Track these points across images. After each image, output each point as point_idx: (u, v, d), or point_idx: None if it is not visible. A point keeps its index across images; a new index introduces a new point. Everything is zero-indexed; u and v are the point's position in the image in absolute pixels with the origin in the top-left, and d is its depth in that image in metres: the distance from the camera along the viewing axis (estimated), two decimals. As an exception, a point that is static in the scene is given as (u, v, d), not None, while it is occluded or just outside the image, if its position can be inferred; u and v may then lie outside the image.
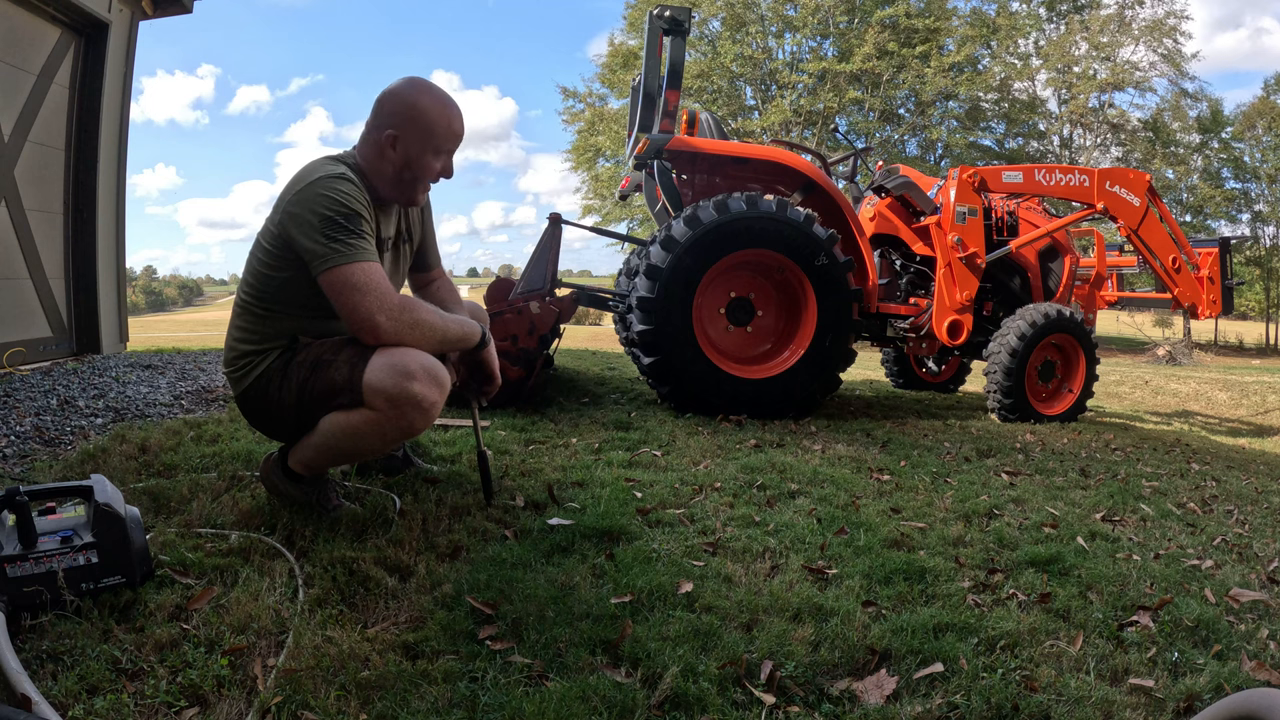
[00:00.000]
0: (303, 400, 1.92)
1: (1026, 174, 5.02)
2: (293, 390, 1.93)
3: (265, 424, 2.08)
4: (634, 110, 4.76)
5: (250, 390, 1.99)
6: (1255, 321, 31.48)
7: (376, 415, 1.83)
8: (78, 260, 4.96)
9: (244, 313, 1.99)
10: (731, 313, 4.33)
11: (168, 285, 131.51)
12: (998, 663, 1.50)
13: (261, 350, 1.98)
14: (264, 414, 2.03)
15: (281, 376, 1.95)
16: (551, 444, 3.17)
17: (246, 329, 1.98)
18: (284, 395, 1.94)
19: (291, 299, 1.94)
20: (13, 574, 1.44)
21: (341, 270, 1.79)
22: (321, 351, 1.92)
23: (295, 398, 1.92)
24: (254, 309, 1.97)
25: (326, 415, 1.90)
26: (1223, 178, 26.93)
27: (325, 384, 1.88)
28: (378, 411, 1.83)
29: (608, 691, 1.30)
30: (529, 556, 1.87)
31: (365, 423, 1.86)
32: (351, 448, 1.94)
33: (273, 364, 1.97)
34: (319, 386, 1.89)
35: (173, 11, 5.51)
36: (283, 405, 1.95)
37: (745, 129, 22.58)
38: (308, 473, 2.03)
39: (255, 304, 1.97)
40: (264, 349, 1.98)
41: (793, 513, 2.37)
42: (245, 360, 1.99)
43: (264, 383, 1.97)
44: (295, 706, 1.23)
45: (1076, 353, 4.92)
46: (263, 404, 1.99)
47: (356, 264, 1.80)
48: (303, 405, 1.92)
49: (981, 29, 23.63)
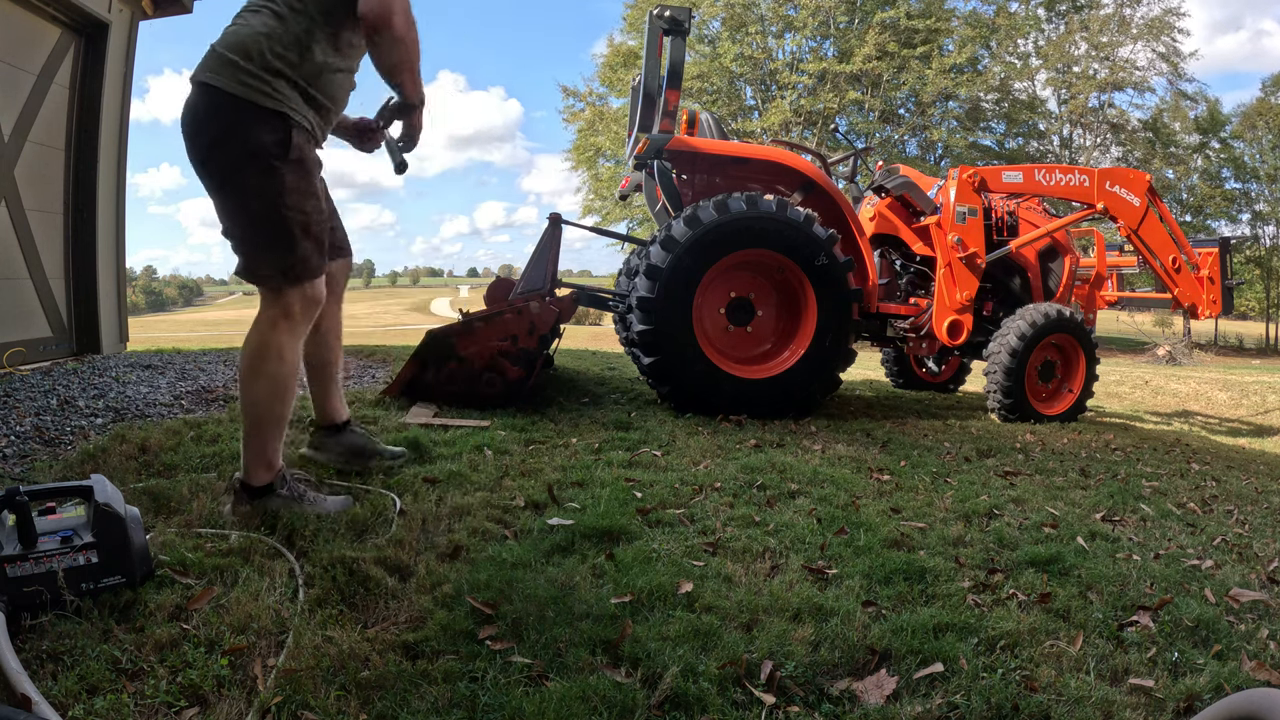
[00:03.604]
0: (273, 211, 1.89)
1: (1026, 174, 5.02)
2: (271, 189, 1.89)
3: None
4: (634, 110, 4.76)
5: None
6: (1255, 321, 31.50)
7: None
8: (78, 260, 4.96)
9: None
10: (731, 313, 4.33)
11: (168, 285, 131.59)
12: (998, 663, 1.50)
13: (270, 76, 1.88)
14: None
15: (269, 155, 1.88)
16: (551, 444, 3.17)
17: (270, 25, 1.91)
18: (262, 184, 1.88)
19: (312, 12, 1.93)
20: (13, 574, 1.43)
21: None
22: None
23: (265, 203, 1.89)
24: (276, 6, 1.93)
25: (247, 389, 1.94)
26: (1223, 178, 26.94)
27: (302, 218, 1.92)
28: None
29: (608, 691, 1.30)
30: (529, 556, 1.87)
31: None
32: (275, 371, 1.95)
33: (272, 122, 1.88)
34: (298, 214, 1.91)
35: (173, 11, 5.51)
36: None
37: (745, 129, 22.57)
38: (267, 473, 2.00)
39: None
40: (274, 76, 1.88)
41: (793, 513, 2.37)
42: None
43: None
44: (295, 706, 1.23)
45: (1076, 353, 4.92)
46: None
47: None
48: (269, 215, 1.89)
49: (981, 29, 23.62)
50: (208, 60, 1.91)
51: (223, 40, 1.93)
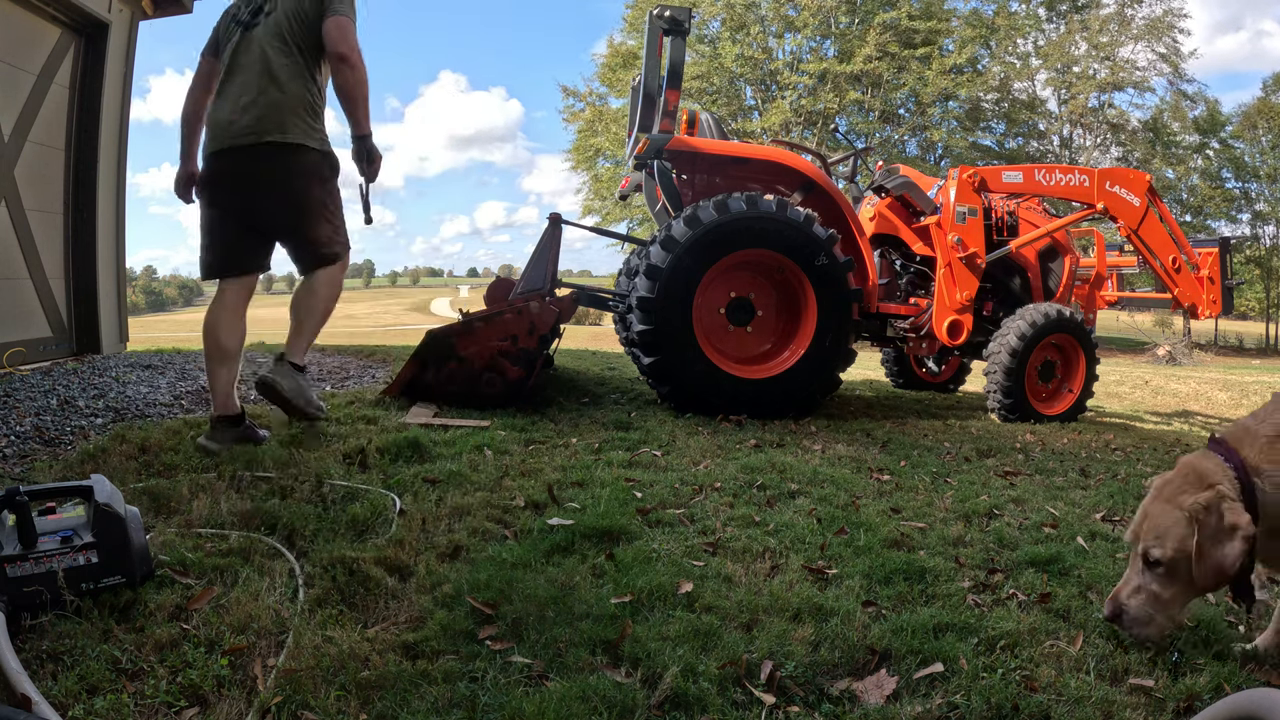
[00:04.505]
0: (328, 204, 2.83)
1: (1026, 174, 5.02)
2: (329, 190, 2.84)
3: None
4: (634, 110, 4.76)
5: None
6: (1255, 321, 31.48)
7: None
8: (78, 260, 4.96)
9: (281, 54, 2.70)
10: (731, 313, 4.33)
11: (167, 285, 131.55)
12: (998, 663, 1.50)
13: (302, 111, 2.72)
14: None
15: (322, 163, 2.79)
16: (551, 444, 3.17)
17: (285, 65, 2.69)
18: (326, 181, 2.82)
19: (316, 42, 2.72)
20: (13, 574, 1.44)
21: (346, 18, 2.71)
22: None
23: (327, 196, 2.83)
24: (290, 51, 2.71)
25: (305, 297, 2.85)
26: (1223, 178, 26.93)
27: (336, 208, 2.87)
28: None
29: (608, 691, 1.30)
30: (529, 556, 1.87)
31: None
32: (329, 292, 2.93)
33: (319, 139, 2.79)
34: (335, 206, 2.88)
35: (173, 11, 5.51)
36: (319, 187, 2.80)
37: (745, 129, 22.56)
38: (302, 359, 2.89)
39: (290, 46, 2.70)
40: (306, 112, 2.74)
41: (793, 513, 2.37)
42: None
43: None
44: (295, 706, 1.23)
45: (1076, 353, 4.92)
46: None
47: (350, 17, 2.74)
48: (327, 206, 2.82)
49: (981, 29, 23.61)
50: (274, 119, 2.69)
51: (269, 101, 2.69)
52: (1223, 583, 1.52)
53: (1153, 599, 1.54)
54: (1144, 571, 1.56)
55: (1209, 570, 1.48)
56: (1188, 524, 1.49)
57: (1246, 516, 1.47)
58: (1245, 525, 1.46)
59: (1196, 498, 1.49)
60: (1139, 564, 1.57)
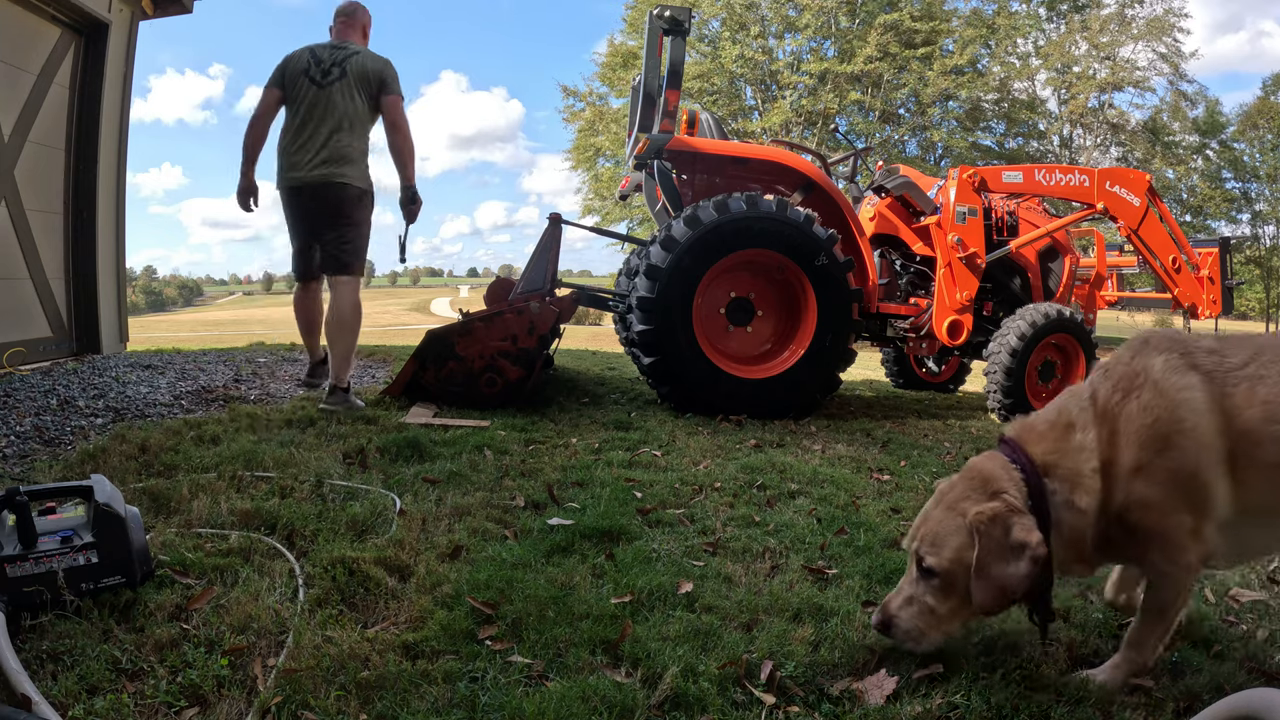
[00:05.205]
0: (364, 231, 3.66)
1: (1026, 174, 5.02)
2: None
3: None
4: (634, 110, 4.76)
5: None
6: (1255, 321, 31.45)
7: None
8: (78, 260, 4.96)
9: (345, 115, 3.53)
10: (731, 313, 4.33)
11: (168, 285, 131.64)
12: (998, 663, 1.49)
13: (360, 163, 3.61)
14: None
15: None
16: (551, 444, 3.17)
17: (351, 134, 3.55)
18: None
19: (373, 108, 3.64)
20: (13, 574, 1.44)
21: (400, 97, 3.67)
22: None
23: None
24: (352, 112, 3.54)
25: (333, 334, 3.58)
26: (1223, 178, 26.91)
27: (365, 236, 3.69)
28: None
29: (608, 691, 1.30)
30: (529, 556, 1.87)
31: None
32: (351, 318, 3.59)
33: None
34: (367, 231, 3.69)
35: (173, 11, 5.51)
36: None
37: (745, 129, 22.56)
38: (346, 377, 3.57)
39: (354, 107, 3.54)
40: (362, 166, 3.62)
41: (793, 513, 2.37)
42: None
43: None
44: (295, 706, 1.23)
45: (1077, 353, 4.91)
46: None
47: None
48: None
49: (981, 29, 23.59)
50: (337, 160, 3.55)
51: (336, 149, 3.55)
52: (1007, 605, 1.38)
53: (926, 612, 1.41)
54: (918, 581, 1.43)
55: (990, 589, 1.33)
56: (968, 534, 1.35)
57: (1037, 534, 1.31)
58: (1035, 544, 1.30)
59: (980, 508, 1.35)
60: (914, 571, 1.44)
